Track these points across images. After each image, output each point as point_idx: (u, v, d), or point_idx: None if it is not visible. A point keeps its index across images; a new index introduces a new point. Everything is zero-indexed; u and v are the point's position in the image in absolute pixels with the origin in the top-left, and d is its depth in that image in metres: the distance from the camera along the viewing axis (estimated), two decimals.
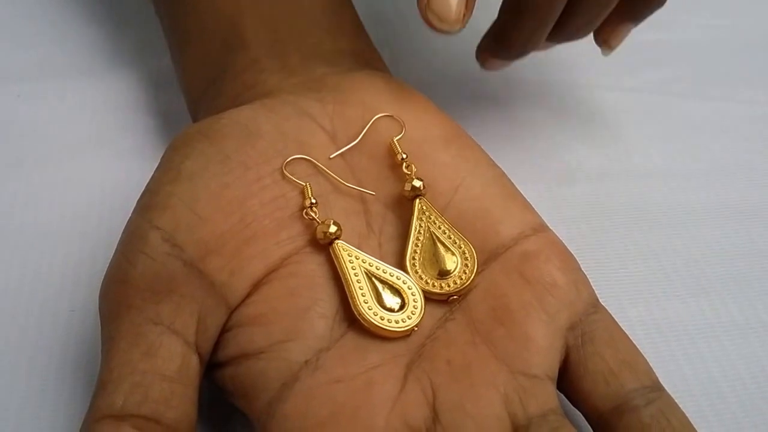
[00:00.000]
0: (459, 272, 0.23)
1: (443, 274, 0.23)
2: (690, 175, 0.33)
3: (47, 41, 0.38)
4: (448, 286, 0.23)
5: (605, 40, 0.30)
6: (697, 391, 0.22)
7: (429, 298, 0.23)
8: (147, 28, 0.38)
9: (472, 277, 0.23)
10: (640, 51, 0.38)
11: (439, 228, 0.24)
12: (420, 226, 0.24)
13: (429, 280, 0.23)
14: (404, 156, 0.25)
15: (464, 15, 0.23)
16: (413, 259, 0.23)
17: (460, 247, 0.23)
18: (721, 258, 0.30)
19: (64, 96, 0.35)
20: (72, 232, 0.29)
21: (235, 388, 0.21)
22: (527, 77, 0.37)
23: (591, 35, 0.30)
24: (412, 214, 0.24)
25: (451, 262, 0.23)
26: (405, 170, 0.24)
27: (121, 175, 0.32)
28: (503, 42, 0.28)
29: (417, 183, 0.24)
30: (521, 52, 0.28)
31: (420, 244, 0.24)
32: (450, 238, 0.24)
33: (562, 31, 0.28)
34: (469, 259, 0.23)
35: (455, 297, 0.23)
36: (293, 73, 0.28)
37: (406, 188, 0.24)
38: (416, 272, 0.23)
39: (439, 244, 0.24)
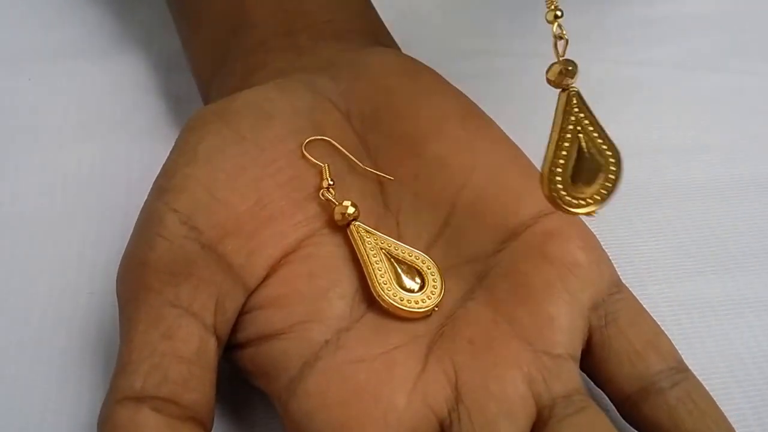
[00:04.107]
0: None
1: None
2: (710, 150, 0.32)
3: (57, 24, 0.38)
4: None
5: None
6: (722, 367, 0.21)
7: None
8: (156, 10, 0.38)
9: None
10: (656, 24, 0.37)
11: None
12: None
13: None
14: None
15: None
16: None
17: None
18: (744, 234, 0.29)
19: (75, 78, 0.35)
20: (89, 214, 0.29)
21: (255, 368, 0.21)
22: (540, 53, 0.37)
23: None
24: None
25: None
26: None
27: (134, 156, 0.31)
28: None
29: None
30: None
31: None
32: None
33: None
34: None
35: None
36: (303, 52, 0.28)
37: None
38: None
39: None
